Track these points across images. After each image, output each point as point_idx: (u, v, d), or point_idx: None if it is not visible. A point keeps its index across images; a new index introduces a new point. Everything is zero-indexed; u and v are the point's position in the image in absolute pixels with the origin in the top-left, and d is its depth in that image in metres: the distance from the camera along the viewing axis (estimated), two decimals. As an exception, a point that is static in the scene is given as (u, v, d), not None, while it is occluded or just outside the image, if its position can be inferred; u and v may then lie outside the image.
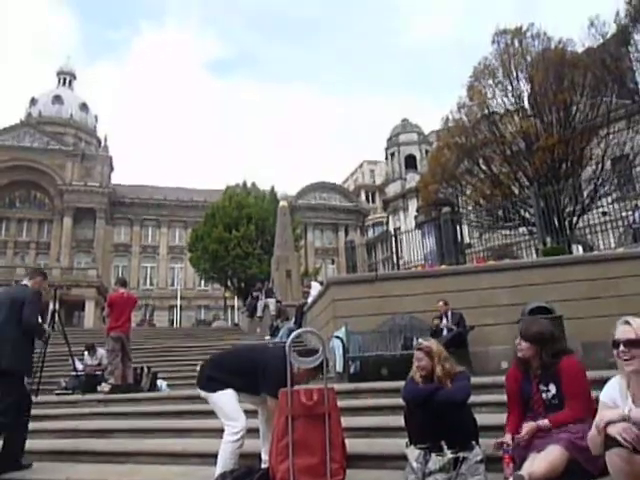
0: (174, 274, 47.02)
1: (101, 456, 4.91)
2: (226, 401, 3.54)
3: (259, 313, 18.29)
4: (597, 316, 7.40)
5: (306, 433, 3.04)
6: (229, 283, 30.56)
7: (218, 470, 3.31)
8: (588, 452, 2.73)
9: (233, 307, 36.57)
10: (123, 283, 9.49)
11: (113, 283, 42.28)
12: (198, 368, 3.92)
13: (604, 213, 14.11)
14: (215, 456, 4.02)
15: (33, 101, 52.44)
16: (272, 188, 33.43)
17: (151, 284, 46.45)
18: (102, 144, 49.51)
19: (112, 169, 48.07)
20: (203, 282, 41.11)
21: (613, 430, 2.36)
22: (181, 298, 40.69)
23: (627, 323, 2.58)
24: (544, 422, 3.06)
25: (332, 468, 3.03)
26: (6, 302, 4.82)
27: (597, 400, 2.77)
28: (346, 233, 49.15)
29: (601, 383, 2.91)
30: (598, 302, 7.72)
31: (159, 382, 8.82)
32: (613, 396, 2.64)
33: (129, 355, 8.64)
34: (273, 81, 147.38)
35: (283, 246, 20.95)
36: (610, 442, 2.38)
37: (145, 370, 8.82)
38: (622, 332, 2.56)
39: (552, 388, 3.20)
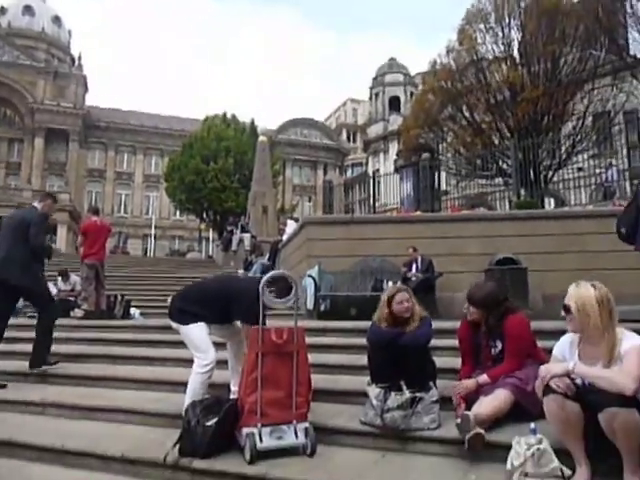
0: (149, 203, 46.46)
1: (74, 379, 5.06)
2: (196, 333, 3.66)
3: (234, 247, 18.40)
4: (560, 270, 7.70)
5: (274, 369, 3.20)
6: (205, 215, 30.46)
7: (187, 400, 3.45)
8: (531, 396, 2.97)
9: (208, 239, 36.62)
10: (95, 211, 9.40)
11: (86, 209, 41.50)
12: (169, 300, 4.00)
13: (579, 169, 14.35)
14: (186, 385, 4.22)
15: (2, 10, 49.24)
16: (252, 121, 32.75)
17: (125, 212, 45.92)
18: (76, 62, 47.21)
19: (87, 90, 46.13)
20: (178, 212, 40.86)
21: (551, 381, 2.59)
22: (155, 227, 40.44)
23: (570, 292, 2.73)
24: (483, 378, 3.31)
25: (297, 401, 3.22)
26: (14, 224, 5.00)
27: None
28: (325, 171, 48.89)
29: (557, 334, 3.12)
30: (563, 256, 8.01)
31: (132, 310, 8.97)
32: (563, 351, 2.85)
33: (103, 283, 8.70)
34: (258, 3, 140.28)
35: (261, 181, 20.82)
36: (548, 389, 2.61)
37: (119, 298, 8.93)
38: (565, 299, 2.73)
39: (499, 344, 3.45)
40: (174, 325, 3.82)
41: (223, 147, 28.83)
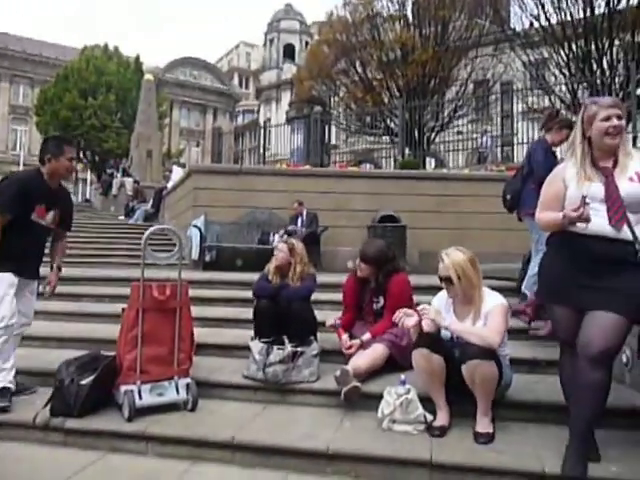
0: (16, 137, 41.90)
1: None
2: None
3: (114, 192, 17.38)
4: (437, 228, 8.25)
5: (156, 326, 3.12)
6: (81, 155, 28.15)
7: None
8: (404, 350, 3.21)
9: (85, 181, 34.11)
10: None
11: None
12: None
13: (459, 132, 15.24)
14: (73, 340, 4.04)
15: None
16: (137, 57, 30.32)
17: (-13, 145, 41.10)
18: None
19: None
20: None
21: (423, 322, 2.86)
22: (24, 165, 36.69)
23: (442, 260, 2.92)
24: (366, 337, 3.52)
25: (179, 357, 3.19)
26: None
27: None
28: (215, 116, 47.12)
29: (431, 289, 3.36)
30: (439, 215, 8.56)
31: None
32: (440, 305, 3.07)
33: None
34: None
35: (145, 123, 19.58)
36: (416, 343, 2.84)
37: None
38: (440, 269, 2.93)
39: (381, 300, 3.67)
40: None
41: (104, 82, 26.52)
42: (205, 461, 2.75)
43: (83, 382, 2.99)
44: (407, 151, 13.16)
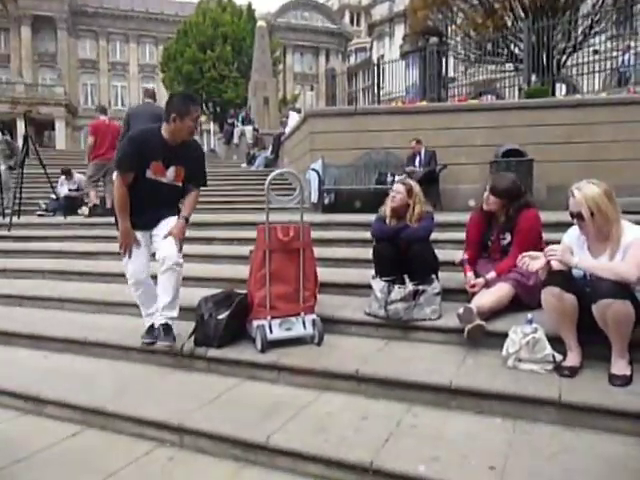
0: (147, 95, 44.94)
1: (90, 276, 5.25)
2: None
3: (235, 140, 18.10)
4: (566, 160, 7.65)
5: (282, 265, 3.30)
6: (204, 107, 29.56)
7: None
8: (531, 290, 3.09)
9: (209, 132, 35.91)
10: (103, 110, 9.21)
11: (81, 103, 40.17)
12: None
13: (595, 52, 13.59)
14: (207, 279, 4.39)
15: None
16: (249, 5, 30.63)
17: (123, 104, 44.53)
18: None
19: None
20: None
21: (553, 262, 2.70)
22: (155, 120, 39.46)
23: (572, 195, 2.71)
24: (491, 275, 3.42)
25: (304, 295, 3.36)
26: None
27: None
28: (327, 58, 46.65)
29: (561, 226, 3.16)
30: (570, 147, 7.89)
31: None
32: (572, 242, 2.89)
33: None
34: None
35: (261, 70, 19.93)
36: (546, 282, 2.70)
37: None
38: (571, 205, 2.71)
39: (508, 237, 3.51)
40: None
41: (220, 33, 27.28)
42: (332, 391, 2.92)
43: (220, 317, 3.28)
44: (534, 78, 12.10)
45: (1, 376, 3.37)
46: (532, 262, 2.75)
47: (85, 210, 8.57)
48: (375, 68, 14.53)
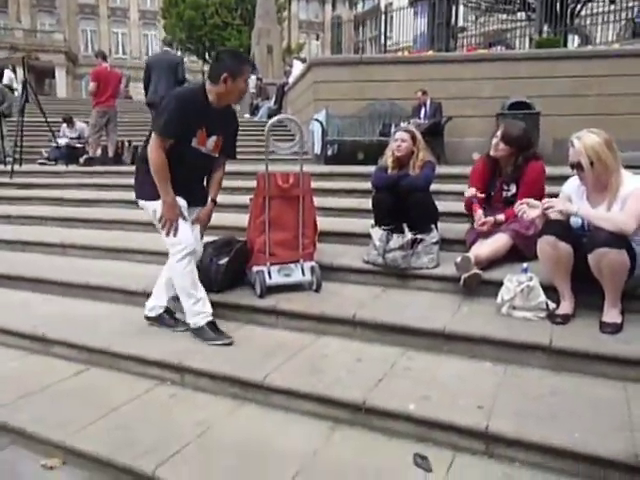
0: (148, 42, 43.78)
1: (92, 223, 5.29)
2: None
3: (239, 90, 17.75)
4: (574, 114, 7.50)
5: (281, 212, 3.32)
6: (207, 56, 28.91)
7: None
8: (528, 240, 3.10)
9: (212, 82, 35.25)
10: (103, 56, 9.03)
11: (82, 50, 39.15)
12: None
13: (612, 1, 13.15)
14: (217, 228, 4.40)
15: None
16: (253, -53, 29.45)
17: (124, 52, 43.50)
18: None
19: None
20: (179, 53, 38.73)
21: (551, 214, 2.69)
22: (157, 69, 38.66)
23: (572, 145, 2.68)
24: (500, 217, 3.41)
25: (304, 242, 3.39)
26: None
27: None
28: (333, 6, 45.14)
29: (564, 179, 3.13)
30: (578, 100, 7.74)
31: (141, 156, 8.99)
32: (571, 192, 2.89)
33: (115, 130, 8.68)
34: None
35: (265, 17, 19.35)
36: (542, 231, 2.72)
37: (126, 144, 8.91)
38: (570, 154, 2.69)
39: (512, 188, 3.49)
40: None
41: (222, -23, 26.41)
42: (328, 335, 2.99)
43: (221, 262, 3.32)
44: (546, 28, 11.74)
45: (8, 318, 3.46)
46: (529, 210, 2.75)
47: (81, 160, 8.54)
48: (382, 16, 14.11)
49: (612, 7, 12.64)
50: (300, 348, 2.84)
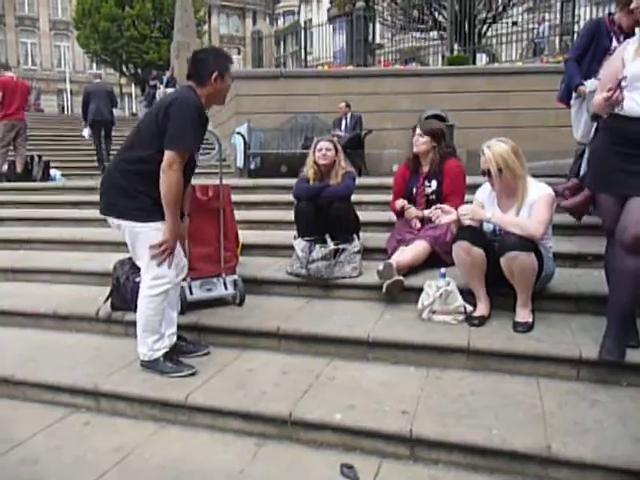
0: (60, 54, 41.85)
1: (-3, 242, 4.93)
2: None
3: (158, 104, 17.34)
4: (485, 127, 7.91)
5: (201, 225, 3.22)
6: (124, 69, 28.02)
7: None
8: (447, 245, 3.21)
9: (130, 95, 34.20)
10: (6, 67, 8.55)
11: (-14, 59, 36.76)
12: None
13: (514, 23, 14.07)
14: (113, 244, 4.20)
15: None
16: (170, -41, 29.01)
17: (33, 64, 41.30)
18: None
19: None
20: (95, 65, 37.27)
21: (466, 221, 2.82)
22: (71, 82, 36.97)
23: (483, 153, 2.82)
24: (428, 212, 3.46)
25: (225, 256, 3.32)
26: None
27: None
28: (254, 20, 45.30)
29: (478, 188, 3.28)
30: (488, 113, 8.20)
31: (52, 172, 8.53)
32: (484, 197, 3.03)
33: (24, 144, 8.16)
34: None
35: (184, 31, 19.03)
36: (457, 236, 2.84)
37: (36, 159, 8.42)
38: (482, 162, 2.84)
39: (434, 184, 3.62)
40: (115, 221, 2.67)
41: (139, -11, 25.73)
42: (253, 349, 2.94)
43: (138, 279, 3.17)
44: (456, 47, 12.38)
45: None
46: (443, 215, 2.85)
47: (-9, 175, 7.97)
48: (302, 31, 14.31)
49: (515, 28, 13.54)
50: (224, 364, 2.76)
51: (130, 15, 25.35)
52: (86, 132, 9.32)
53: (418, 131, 3.67)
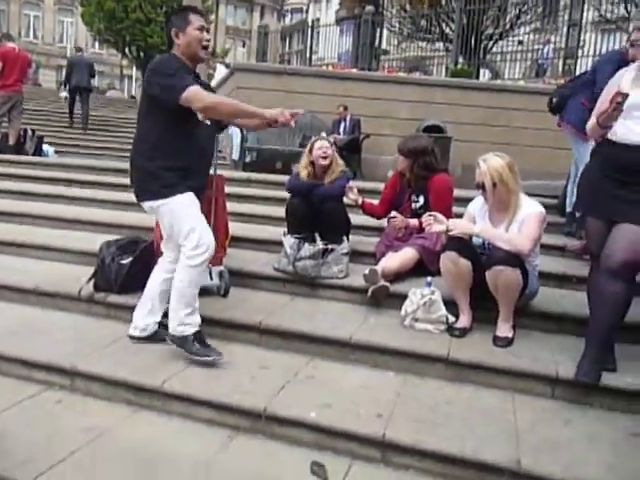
0: (63, 29, 41.42)
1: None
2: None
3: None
4: (484, 142, 7.96)
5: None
6: (127, 50, 27.78)
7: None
8: (434, 255, 3.22)
9: (131, 77, 33.99)
10: (9, 37, 8.41)
11: (-12, 29, 36.35)
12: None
13: (520, 42, 14.20)
14: (110, 225, 4.17)
15: None
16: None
17: (35, 37, 40.87)
18: None
19: None
20: (97, 44, 36.94)
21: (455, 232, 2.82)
22: (72, 58, 36.60)
23: (478, 166, 2.84)
24: (414, 221, 3.49)
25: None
26: None
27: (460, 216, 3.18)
28: (262, 15, 45.24)
29: (469, 201, 3.29)
30: (487, 129, 8.24)
31: (45, 147, 8.43)
32: (475, 210, 3.05)
33: (19, 117, 8.06)
34: None
35: (190, 18, 18.98)
36: (446, 246, 2.85)
37: (29, 133, 8.32)
38: (477, 175, 2.85)
39: (421, 199, 3.63)
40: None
41: (148, -29, 25.55)
42: (234, 341, 2.93)
43: (123, 262, 3.16)
44: (461, 60, 12.45)
45: None
46: (435, 224, 2.85)
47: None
48: (309, 30, 14.32)
49: (520, 47, 13.66)
50: (203, 354, 2.74)
51: (137, -3, 25.15)
52: (63, 94, 11.75)
53: (397, 149, 3.66)
